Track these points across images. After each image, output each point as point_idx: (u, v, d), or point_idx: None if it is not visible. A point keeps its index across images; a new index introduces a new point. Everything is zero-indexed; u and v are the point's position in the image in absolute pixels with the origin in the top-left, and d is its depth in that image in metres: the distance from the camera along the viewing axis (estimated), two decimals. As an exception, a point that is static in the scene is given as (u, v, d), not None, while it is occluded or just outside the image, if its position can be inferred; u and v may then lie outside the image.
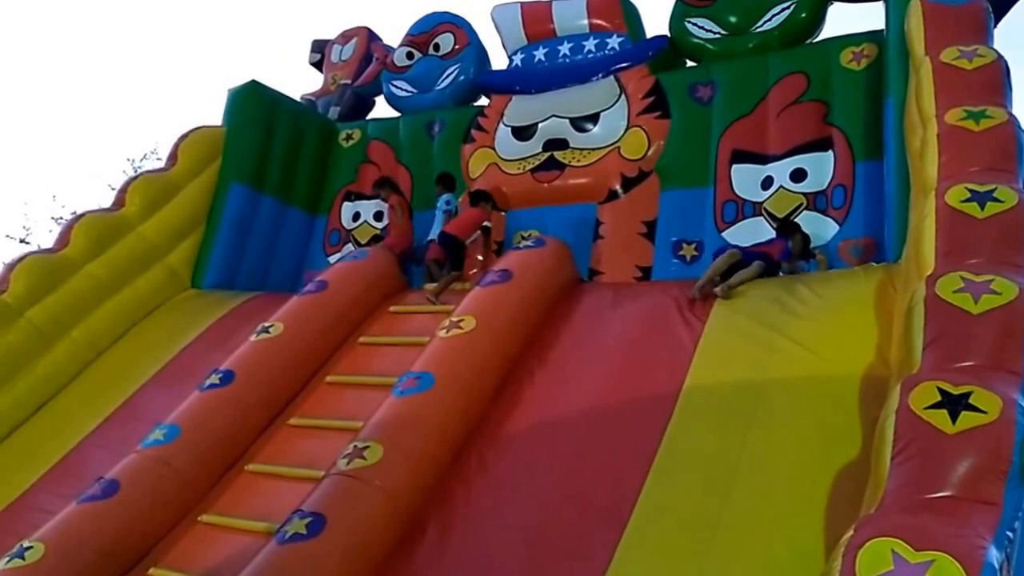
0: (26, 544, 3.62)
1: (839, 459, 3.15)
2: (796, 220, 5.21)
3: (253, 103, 7.01)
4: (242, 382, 4.43)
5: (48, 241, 6.44)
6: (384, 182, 6.53)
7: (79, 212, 6.31)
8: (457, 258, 5.70)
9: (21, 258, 5.84)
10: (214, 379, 4.47)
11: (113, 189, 8.93)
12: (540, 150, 6.31)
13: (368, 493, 3.49)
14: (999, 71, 4.08)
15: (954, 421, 2.49)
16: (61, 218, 14.31)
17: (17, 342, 5.47)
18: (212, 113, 7.26)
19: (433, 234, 6.18)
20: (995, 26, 4.63)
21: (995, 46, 4.33)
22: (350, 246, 7.02)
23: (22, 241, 14.99)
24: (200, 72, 23.70)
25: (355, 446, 3.67)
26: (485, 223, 5.91)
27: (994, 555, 2.11)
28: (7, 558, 3.58)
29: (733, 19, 5.99)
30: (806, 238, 5.03)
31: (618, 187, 5.99)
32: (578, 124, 6.27)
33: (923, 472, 2.43)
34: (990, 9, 4.58)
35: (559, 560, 3.24)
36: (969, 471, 2.37)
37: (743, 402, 3.62)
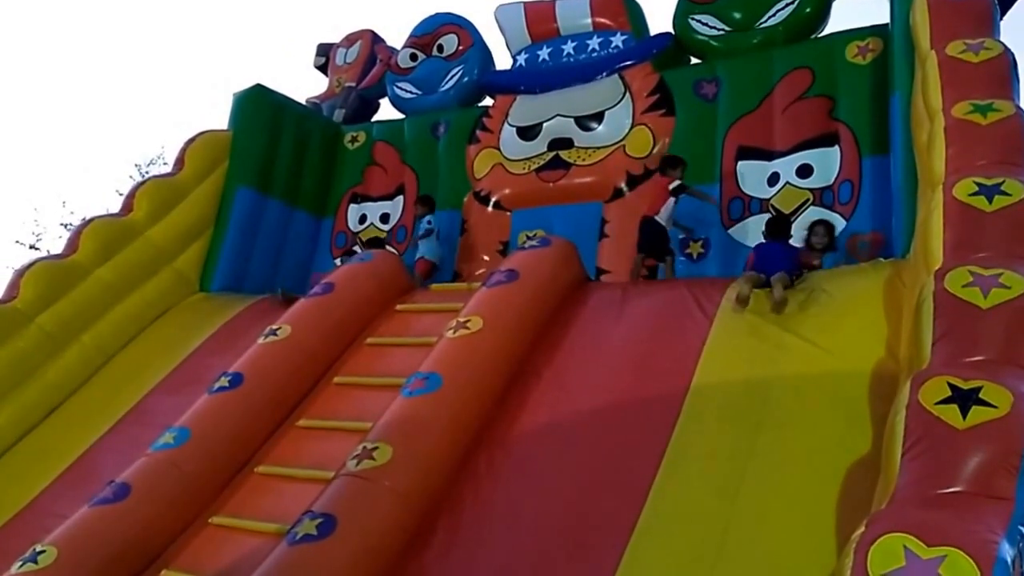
0: (38, 548, 3.64)
1: (850, 456, 3.13)
2: (785, 218, 5.01)
3: (258, 107, 7.04)
4: (251, 384, 4.44)
5: (58, 247, 6.49)
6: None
7: (88, 218, 6.35)
8: (659, 244, 5.16)
9: (30, 264, 5.88)
10: (223, 382, 4.49)
11: (121, 194, 8.98)
12: (545, 149, 6.32)
13: (378, 493, 3.49)
14: (1006, 64, 4.06)
15: (964, 416, 2.48)
16: (70, 224, 14.41)
17: (28, 348, 5.50)
18: (218, 117, 7.29)
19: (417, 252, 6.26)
20: (1001, 18, 4.60)
21: (1001, 38, 4.31)
22: (357, 248, 7.04)
23: (32, 247, 15.12)
24: (205, 77, 23.82)
25: (364, 447, 3.67)
26: (673, 184, 5.26)
27: (1006, 550, 2.10)
28: (20, 562, 3.60)
29: (737, 15, 5.98)
30: (829, 228, 4.80)
31: (623, 185, 5.98)
32: (583, 123, 6.27)
33: (934, 468, 2.42)
34: (995, 1, 4.55)
35: (568, 560, 3.23)
36: (980, 466, 2.36)
37: (752, 400, 3.60)
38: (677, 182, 5.29)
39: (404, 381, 4.08)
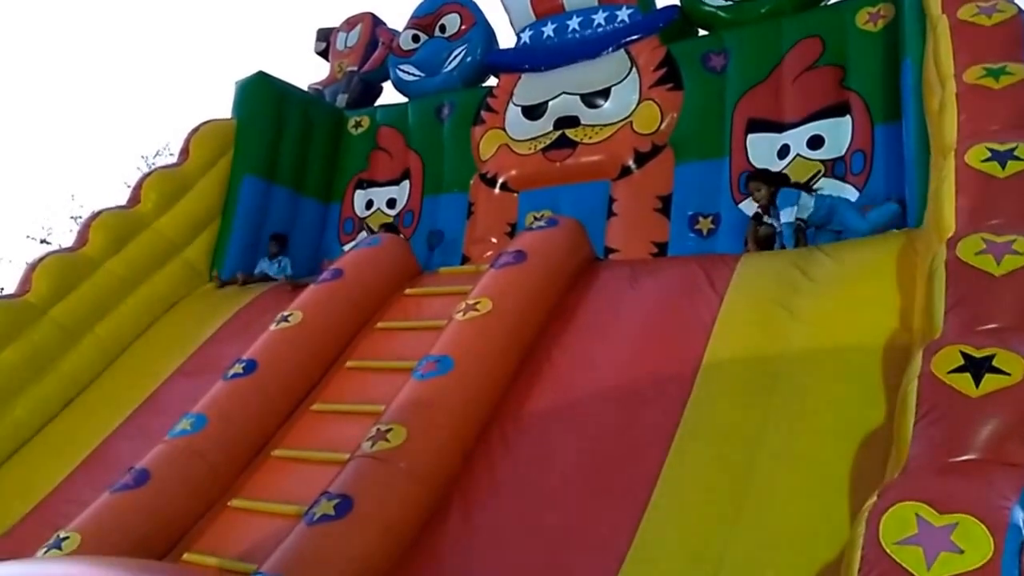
0: (62, 535, 3.71)
1: (863, 427, 3.12)
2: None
3: (261, 94, 7.02)
4: (265, 370, 4.48)
5: (68, 240, 6.54)
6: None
7: (96, 210, 6.39)
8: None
9: (42, 258, 5.93)
10: (237, 368, 4.54)
11: (128, 186, 9.03)
12: (551, 128, 6.24)
13: (393, 474, 3.53)
14: (1019, 26, 3.96)
15: (977, 384, 2.46)
16: (80, 217, 14.53)
17: (43, 340, 5.57)
18: (220, 111, 7.25)
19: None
20: (1015, -21, 4.49)
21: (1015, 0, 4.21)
22: (364, 233, 7.04)
23: (43, 241, 15.27)
24: (207, 66, 23.79)
25: (378, 429, 3.71)
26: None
27: (1019, 515, 2.09)
28: (45, 548, 3.67)
29: (744, -16, 5.87)
30: (763, 178, 4.92)
31: (631, 163, 5.92)
32: (589, 100, 6.19)
33: (947, 436, 2.41)
34: (1009, -39, 4.44)
35: (583, 535, 3.26)
36: (993, 434, 2.34)
37: (764, 373, 3.59)
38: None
39: (415, 364, 4.10)
